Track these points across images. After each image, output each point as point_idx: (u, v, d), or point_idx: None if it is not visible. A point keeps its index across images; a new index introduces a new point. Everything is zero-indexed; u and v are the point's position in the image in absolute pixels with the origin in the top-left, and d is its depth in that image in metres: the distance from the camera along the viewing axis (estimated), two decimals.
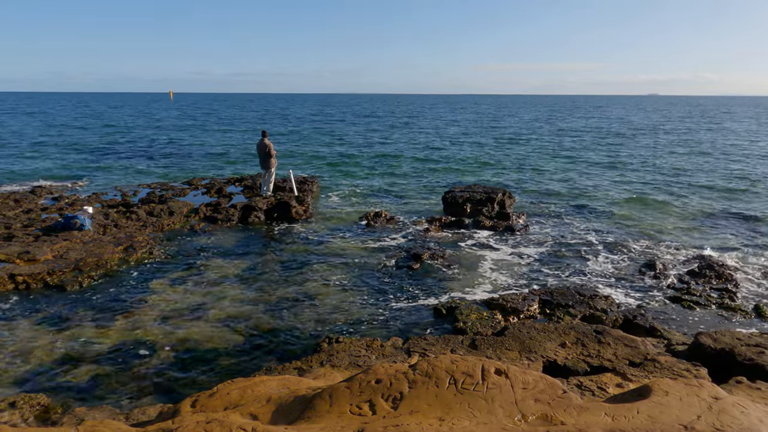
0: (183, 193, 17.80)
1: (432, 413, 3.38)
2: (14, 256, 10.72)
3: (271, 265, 11.28)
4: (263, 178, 16.94)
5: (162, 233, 13.35)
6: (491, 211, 15.39)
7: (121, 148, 34.11)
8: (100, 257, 10.84)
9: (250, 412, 3.68)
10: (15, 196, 16.72)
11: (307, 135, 46.19)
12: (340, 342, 6.98)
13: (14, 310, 8.75)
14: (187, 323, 8.41)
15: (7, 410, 5.74)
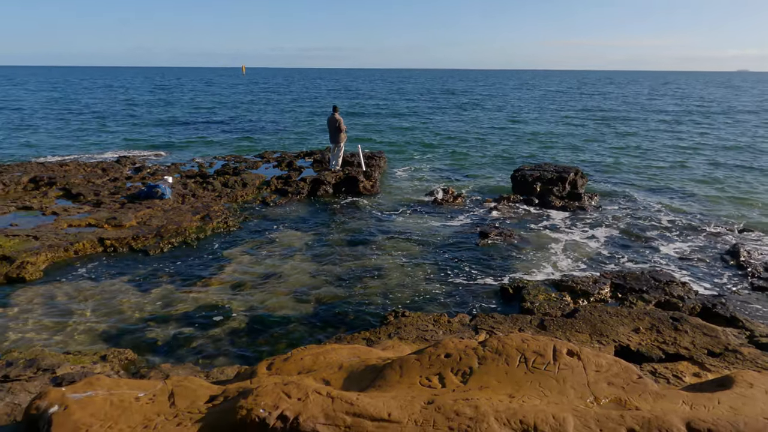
0: (255, 166, 18.37)
1: (502, 390, 3.39)
2: (103, 221, 11.46)
3: (339, 238, 11.50)
4: (332, 153, 17.18)
5: (236, 204, 13.87)
6: (562, 190, 14.97)
7: (197, 122, 35.46)
8: (179, 225, 11.41)
9: (323, 377, 3.82)
10: (102, 165, 17.80)
11: (378, 110, 46.28)
12: (406, 316, 7.06)
13: (103, 272, 9.39)
14: (259, 291, 8.75)
15: (99, 363, 6.21)
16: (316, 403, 3.04)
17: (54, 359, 6.09)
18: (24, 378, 5.54)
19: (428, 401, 3.16)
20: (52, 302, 8.14)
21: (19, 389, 5.32)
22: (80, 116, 38.44)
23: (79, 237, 10.43)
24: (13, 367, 5.71)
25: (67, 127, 32.12)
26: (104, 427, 2.96)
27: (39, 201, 13.16)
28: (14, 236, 10.34)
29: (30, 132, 29.42)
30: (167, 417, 3.12)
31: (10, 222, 11.54)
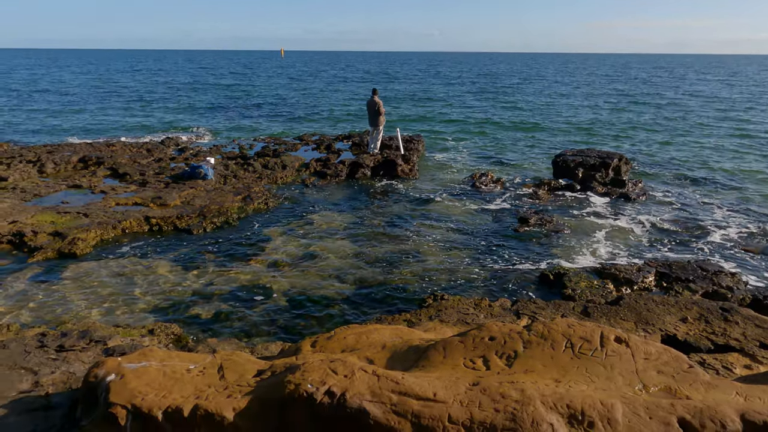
0: (295, 148, 18.54)
1: (547, 374, 3.36)
2: (148, 200, 11.77)
3: (377, 221, 11.53)
4: (371, 136, 17.18)
5: (275, 185, 14.04)
6: (605, 177, 14.62)
7: (236, 104, 35.93)
8: (221, 205, 11.63)
9: (366, 356, 3.86)
10: (147, 146, 18.26)
11: (416, 94, 46.00)
12: (445, 299, 7.06)
13: (149, 249, 9.66)
14: (299, 271, 8.87)
15: (148, 336, 6.43)
16: (362, 380, 3.08)
17: (105, 331, 6.33)
18: (78, 348, 5.78)
19: (473, 383, 3.16)
20: (101, 277, 8.44)
21: (74, 359, 5.56)
22: (123, 98, 39.42)
23: (126, 215, 10.75)
24: (68, 338, 5.96)
25: (111, 108, 33.00)
26: (159, 396, 3.07)
27: (88, 180, 13.60)
28: (66, 213, 10.73)
29: (77, 113, 30.35)
30: (217, 389, 3.20)
31: (62, 200, 11.98)
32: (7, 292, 7.86)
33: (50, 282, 8.22)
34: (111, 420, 2.98)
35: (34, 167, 14.68)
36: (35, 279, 8.31)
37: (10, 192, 12.33)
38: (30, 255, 9.05)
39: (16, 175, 13.81)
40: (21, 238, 9.53)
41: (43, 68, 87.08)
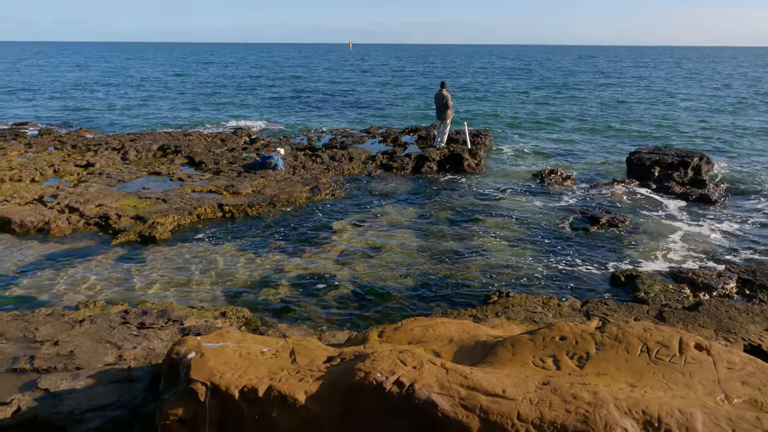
0: (361, 141, 18.73)
1: (621, 378, 3.26)
2: (222, 188, 12.24)
3: (442, 215, 11.49)
4: (438, 129, 17.11)
5: (342, 177, 14.25)
6: (683, 176, 13.92)
7: (305, 97, 36.65)
8: (290, 195, 11.93)
9: (433, 349, 3.87)
10: (221, 136, 18.96)
11: (483, 88, 45.36)
12: (512, 296, 6.96)
13: (222, 235, 10.06)
14: (364, 262, 8.98)
15: (220, 318, 6.71)
16: (430, 372, 3.10)
17: (181, 312, 6.66)
18: (157, 326, 6.12)
19: (543, 382, 3.12)
20: (177, 260, 8.87)
21: (153, 336, 5.89)
22: (197, 90, 41.06)
23: (201, 202, 11.22)
24: (148, 316, 6.31)
25: (187, 99, 34.46)
26: (235, 375, 3.21)
27: (167, 167, 14.29)
28: (146, 198, 11.33)
29: (157, 103, 31.90)
30: (290, 372, 3.31)
31: (143, 186, 12.65)
32: (95, 270, 8.41)
33: (132, 263, 8.72)
34: (192, 395, 3.15)
35: (119, 154, 15.57)
36: (119, 259, 8.84)
37: (96, 177, 13.14)
38: (114, 237, 9.62)
39: (102, 161, 14.70)
40: (106, 221, 10.15)
41: (125, 61, 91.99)
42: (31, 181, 12.89)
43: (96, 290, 7.78)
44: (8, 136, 18.85)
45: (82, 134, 19.36)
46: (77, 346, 5.51)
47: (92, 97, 35.53)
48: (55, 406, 4.54)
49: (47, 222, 9.94)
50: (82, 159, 14.91)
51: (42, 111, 28.35)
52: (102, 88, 41.28)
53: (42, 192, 11.74)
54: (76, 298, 7.50)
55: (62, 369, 5.12)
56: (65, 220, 10.09)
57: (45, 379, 4.86)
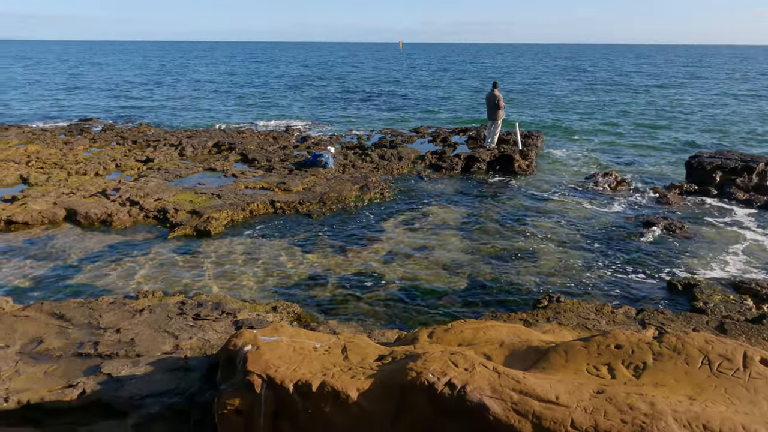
0: (411, 140, 18.75)
1: (680, 390, 3.17)
2: (274, 185, 12.50)
3: (491, 216, 11.38)
4: (488, 130, 16.94)
5: (391, 176, 14.31)
6: (748, 182, 13.30)
7: (355, 96, 36.95)
8: (339, 193, 12.07)
9: (484, 352, 3.86)
10: (273, 134, 19.36)
11: (535, 88, 44.60)
12: (562, 302, 6.84)
13: (273, 231, 10.28)
14: (412, 262, 9.00)
15: (271, 312, 6.87)
16: (482, 375, 3.10)
17: (234, 305, 6.85)
18: (211, 318, 6.32)
19: (598, 390, 3.06)
20: (230, 254, 9.12)
21: (208, 327, 6.08)
22: (251, 89, 42.00)
23: (254, 198, 11.50)
24: (203, 308, 6.52)
25: (241, 97, 35.31)
26: (290, 369, 3.29)
27: (221, 164, 14.70)
28: (202, 194, 11.69)
29: (212, 101, 32.83)
30: (342, 369, 3.37)
31: (199, 181, 13.06)
32: (153, 261, 8.76)
33: (188, 255, 9.03)
34: (248, 387, 3.25)
35: (176, 150, 16.12)
36: (175, 251, 9.17)
37: (155, 172, 13.65)
38: (171, 230, 9.98)
39: (161, 157, 15.25)
40: (164, 214, 10.54)
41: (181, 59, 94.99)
42: (95, 174, 13.51)
43: (154, 281, 8.10)
44: (74, 132, 19.83)
45: (143, 130, 20.14)
46: (137, 334, 5.76)
47: (151, 94, 36.90)
48: (116, 390, 4.76)
49: (110, 214, 10.40)
50: (142, 154, 15.52)
51: (104, 107, 29.64)
52: (160, 86, 42.82)
53: (105, 185, 12.29)
54: (135, 287, 7.84)
55: (123, 355, 5.36)
56: (126, 212, 10.53)
57: (108, 365, 5.10)
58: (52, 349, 5.43)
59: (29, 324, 5.98)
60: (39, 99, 33.68)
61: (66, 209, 10.51)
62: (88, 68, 67.51)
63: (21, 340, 5.62)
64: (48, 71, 60.85)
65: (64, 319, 6.15)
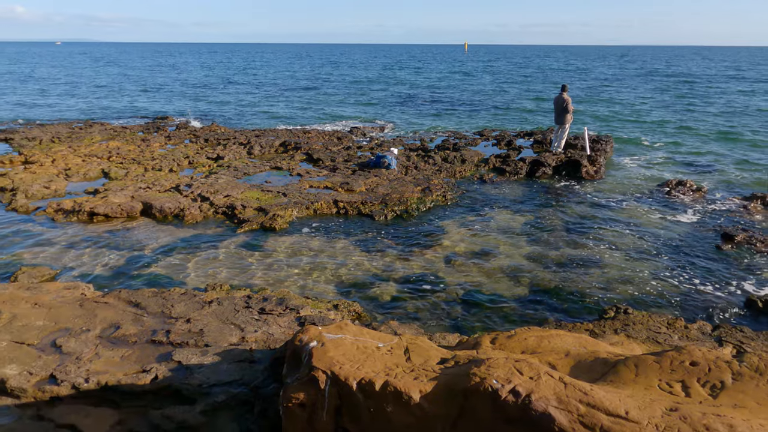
0: (474, 143, 18.57)
1: (762, 414, 2.99)
2: (337, 185, 12.69)
3: (556, 223, 11.11)
4: (555, 134, 16.54)
5: (454, 179, 14.23)
6: None
7: (418, 97, 36.95)
8: (402, 194, 12.12)
9: (548, 361, 3.77)
10: (338, 135, 19.66)
11: (609, 91, 43.16)
12: (630, 313, 6.59)
13: (336, 230, 10.44)
14: (473, 266, 8.92)
15: (333, 310, 6.98)
16: (548, 385, 3.03)
17: (297, 301, 7.00)
18: (276, 313, 6.49)
19: (671, 408, 2.93)
20: (294, 252, 9.33)
21: (272, 322, 6.26)
22: (318, 89, 42.81)
23: (318, 197, 11.72)
24: (268, 303, 6.71)
25: (308, 97, 36.05)
26: (353, 367, 3.34)
27: (287, 163, 15.07)
28: (268, 191, 12.02)
29: (280, 101, 33.70)
30: (404, 369, 3.39)
31: (265, 179, 13.45)
32: (221, 255, 9.09)
33: (254, 251, 9.31)
34: (313, 382, 3.33)
35: (245, 149, 16.66)
36: (242, 247, 9.48)
37: (225, 169, 14.16)
38: (239, 226, 10.32)
39: (230, 155, 15.80)
40: (233, 211, 10.91)
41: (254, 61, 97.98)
42: (169, 171, 14.15)
43: (221, 274, 8.40)
44: (151, 129, 20.86)
45: (214, 129, 20.92)
46: (206, 325, 6.00)
47: (222, 94, 38.29)
48: (186, 377, 4.98)
49: (182, 209, 10.87)
50: (213, 152, 16.13)
51: (179, 106, 31.00)
52: (232, 86, 44.37)
53: (178, 181, 12.86)
54: (204, 280, 8.16)
55: (193, 345, 5.59)
56: (197, 208, 10.98)
57: (178, 353, 5.34)
58: (128, 335, 5.74)
59: (108, 310, 6.35)
60: (120, 96, 35.67)
61: (142, 203, 11.07)
62: (167, 69, 70.85)
63: (101, 325, 5.97)
64: (130, 72, 64.37)
65: (139, 307, 6.48)
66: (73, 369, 5.02)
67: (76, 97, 36.16)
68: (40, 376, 4.93)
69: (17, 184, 12.54)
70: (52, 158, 15.05)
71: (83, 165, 14.45)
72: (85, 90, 40.90)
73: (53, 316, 6.12)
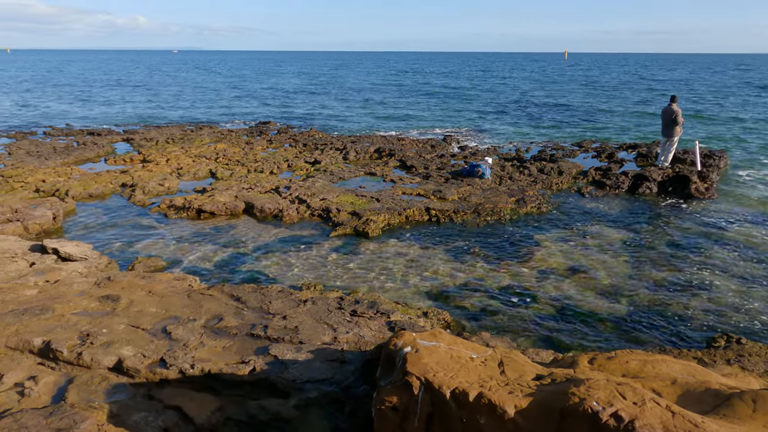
0: (572, 155, 17.94)
1: None
2: (430, 193, 12.73)
3: (659, 242, 10.48)
4: (662, 147, 15.63)
5: (550, 191, 13.82)
6: None
7: (516, 106, 36.26)
8: (495, 204, 11.94)
9: (653, 387, 3.58)
10: (431, 142, 19.73)
11: (725, 103, 40.19)
12: (743, 343, 6.09)
13: (427, 238, 10.47)
14: (567, 281, 8.61)
15: (422, 318, 7.01)
16: (653, 412, 2.88)
17: (388, 306, 7.10)
18: (367, 316, 6.62)
19: None
20: (385, 257, 9.46)
21: (363, 324, 6.38)
22: (411, 97, 43.17)
23: (410, 204, 11.81)
24: (359, 305, 6.85)
25: (402, 105, 36.47)
26: (447, 376, 3.34)
27: (381, 169, 15.32)
28: (362, 196, 12.28)
29: (375, 108, 34.33)
30: (498, 383, 3.34)
31: (360, 184, 13.75)
32: (315, 256, 9.40)
33: (346, 254, 9.54)
34: (406, 387, 3.37)
35: (341, 154, 17.13)
36: (336, 249, 9.74)
37: (322, 173, 14.64)
38: (333, 229, 10.63)
39: (327, 160, 16.30)
40: (328, 214, 11.25)
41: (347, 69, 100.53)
42: (270, 173, 14.84)
43: (315, 274, 8.69)
44: (254, 133, 21.98)
45: (312, 134, 21.71)
46: (301, 323, 6.22)
47: (322, 99, 39.63)
48: (282, 372, 5.19)
49: (281, 210, 11.35)
50: (310, 156, 16.73)
51: (278, 112, 32.44)
52: (331, 92, 45.82)
53: (278, 183, 13.45)
54: (299, 279, 8.47)
55: (288, 341, 5.82)
56: (295, 209, 11.42)
57: (275, 347, 5.58)
58: (229, 327, 6.08)
59: (212, 302, 6.76)
60: (228, 101, 37.91)
61: (245, 203, 11.69)
62: (268, 76, 74.43)
63: (205, 316, 6.36)
64: (236, 79, 68.27)
65: (240, 301, 6.85)
66: (180, 355, 5.39)
67: (189, 101, 38.88)
68: (152, 359, 5.33)
69: (136, 180, 13.67)
70: (166, 158, 16.26)
71: (193, 165, 15.48)
72: (197, 95, 43.88)
73: (164, 304, 6.61)
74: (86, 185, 13.14)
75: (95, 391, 4.88)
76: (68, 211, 11.50)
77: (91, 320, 6.04)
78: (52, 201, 11.34)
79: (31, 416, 4.08)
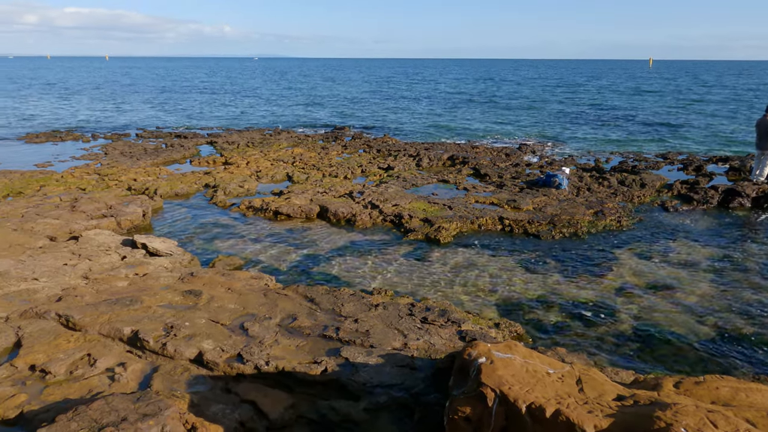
0: (656, 166, 17.12)
1: None
2: (503, 202, 12.52)
3: (752, 261, 9.78)
4: (757, 160, 14.61)
5: (631, 204, 13.23)
6: None
7: (598, 114, 35.05)
8: (572, 216, 11.58)
9: (746, 417, 3.34)
10: (506, 151, 19.41)
11: None
12: None
13: (500, 248, 10.29)
14: (648, 300, 8.20)
15: (494, 329, 6.89)
16: None
17: (459, 315, 7.03)
18: (437, 324, 6.58)
19: None
20: (456, 265, 9.39)
21: (434, 332, 6.35)
22: (484, 105, 42.67)
23: (483, 213, 11.66)
24: (430, 313, 6.83)
25: (478, 112, 36.12)
26: (523, 389, 3.27)
27: (454, 176, 15.24)
28: (434, 204, 12.26)
29: (450, 114, 34.21)
30: (577, 400, 3.23)
31: (432, 191, 13.73)
32: (386, 261, 9.46)
33: (417, 260, 9.55)
34: (480, 398, 3.32)
35: (414, 161, 17.19)
36: (407, 256, 9.77)
37: (395, 180, 14.74)
38: (405, 235, 10.67)
39: (400, 166, 16.40)
40: (400, 220, 11.30)
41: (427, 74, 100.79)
42: (344, 177, 15.11)
43: (386, 279, 8.74)
44: (330, 138, 22.46)
45: (386, 140, 21.91)
46: (372, 327, 6.28)
47: (398, 105, 39.94)
48: (352, 374, 5.26)
49: (354, 215, 11.52)
50: (384, 162, 16.89)
51: (351, 118, 32.98)
52: (404, 100, 46.11)
53: (351, 188, 13.66)
54: (370, 283, 8.56)
55: (359, 344, 5.89)
56: (368, 214, 11.56)
57: (346, 350, 5.66)
58: (303, 327, 6.23)
59: (287, 302, 6.95)
60: (305, 107, 38.98)
61: (319, 206, 11.95)
62: (346, 83, 75.90)
63: (280, 315, 6.55)
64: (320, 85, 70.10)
65: (313, 303, 7.00)
66: (256, 351, 5.57)
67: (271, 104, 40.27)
68: (230, 354, 5.55)
69: (218, 182, 14.31)
70: (246, 161, 16.92)
71: (271, 168, 16.02)
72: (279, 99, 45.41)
73: (242, 302, 6.86)
74: (173, 185, 13.89)
75: (177, 381, 5.13)
76: (156, 208, 12.20)
77: (175, 313, 6.36)
78: (142, 199, 12.07)
79: (120, 400, 4.35)
